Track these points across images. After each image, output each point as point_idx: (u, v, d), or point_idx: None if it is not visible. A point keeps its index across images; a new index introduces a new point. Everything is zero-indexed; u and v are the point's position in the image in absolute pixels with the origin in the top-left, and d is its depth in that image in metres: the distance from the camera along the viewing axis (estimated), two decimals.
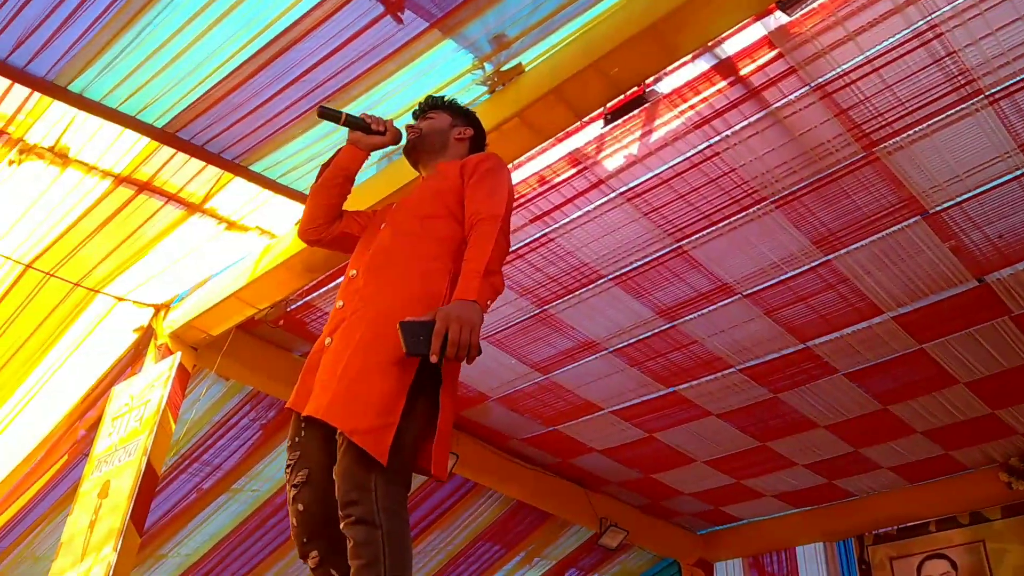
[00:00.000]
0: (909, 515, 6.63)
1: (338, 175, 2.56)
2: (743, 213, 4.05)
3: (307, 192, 4.14)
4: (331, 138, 3.79)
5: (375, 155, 3.42)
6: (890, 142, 3.60)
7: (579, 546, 7.50)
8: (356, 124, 2.45)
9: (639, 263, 4.41)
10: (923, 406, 5.43)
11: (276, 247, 4.33)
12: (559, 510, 6.89)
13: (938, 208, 3.90)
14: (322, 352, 2.26)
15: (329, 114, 2.44)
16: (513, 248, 4.35)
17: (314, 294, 4.79)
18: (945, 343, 4.80)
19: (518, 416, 5.97)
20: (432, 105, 2.74)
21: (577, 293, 4.66)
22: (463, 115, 2.75)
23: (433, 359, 1.94)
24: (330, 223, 2.59)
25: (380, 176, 3.81)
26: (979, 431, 5.72)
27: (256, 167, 3.97)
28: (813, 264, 4.32)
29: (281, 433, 5.79)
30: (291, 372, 5.28)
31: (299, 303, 4.84)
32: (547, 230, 4.23)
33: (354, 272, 2.37)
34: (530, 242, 4.31)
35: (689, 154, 3.78)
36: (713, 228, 4.15)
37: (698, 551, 7.65)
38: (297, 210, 4.28)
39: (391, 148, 2.83)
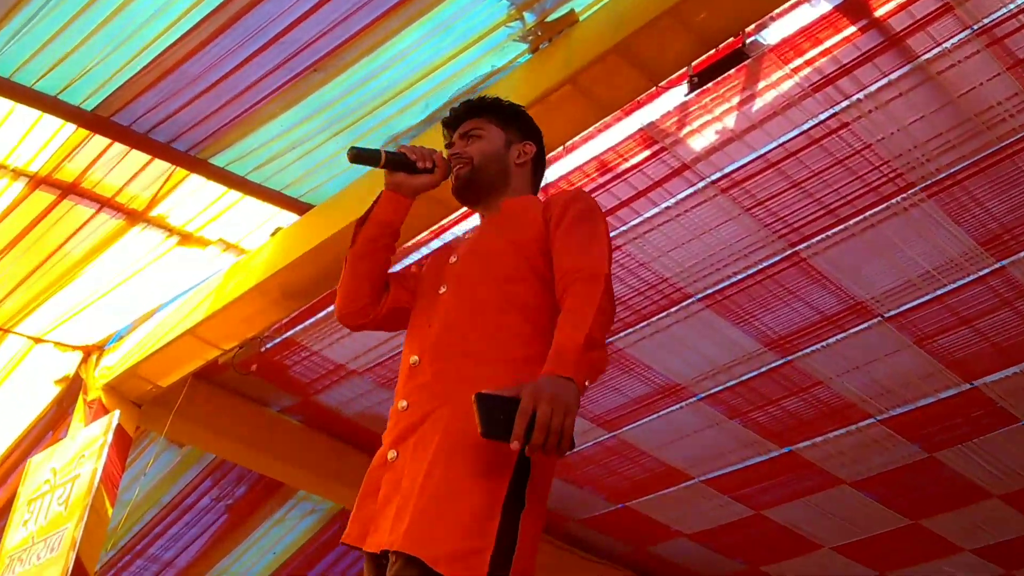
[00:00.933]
0: None
1: (382, 234, 2.55)
2: (883, 205, 4.04)
3: (287, 192, 4.21)
4: (317, 119, 3.84)
5: None
6: None
7: None
8: (399, 163, 2.47)
9: (740, 276, 4.40)
10: None
11: (246, 267, 4.38)
12: None
13: None
14: (385, 469, 2.32)
15: (364, 156, 2.45)
16: None
17: (297, 328, 4.84)
18: None
19: (575, 489, 5.96)
20: (473, 111, 2.67)
21: (654, 320, 4.66)
22: (517, 121, 2.70)
23: (514, 446, 1.97)
24: (377, 299, 2.59)
25: None
26: None
27: (218, 160, 4.02)
28: (981, 273, 4.29)
29: (255, 516, 5.84)
30: (266, 434, 5.40)
31: (277, 340, 4.89)
32: (613, 234, 4.23)
33: (415, 359, 2.39)
34: None
35: (806, 127, 3.78)
36: (841, 227, 4.14)
37: None
38: (274, 216, 4.33)
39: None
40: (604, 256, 2.28)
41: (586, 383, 2.09)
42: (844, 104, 3.69)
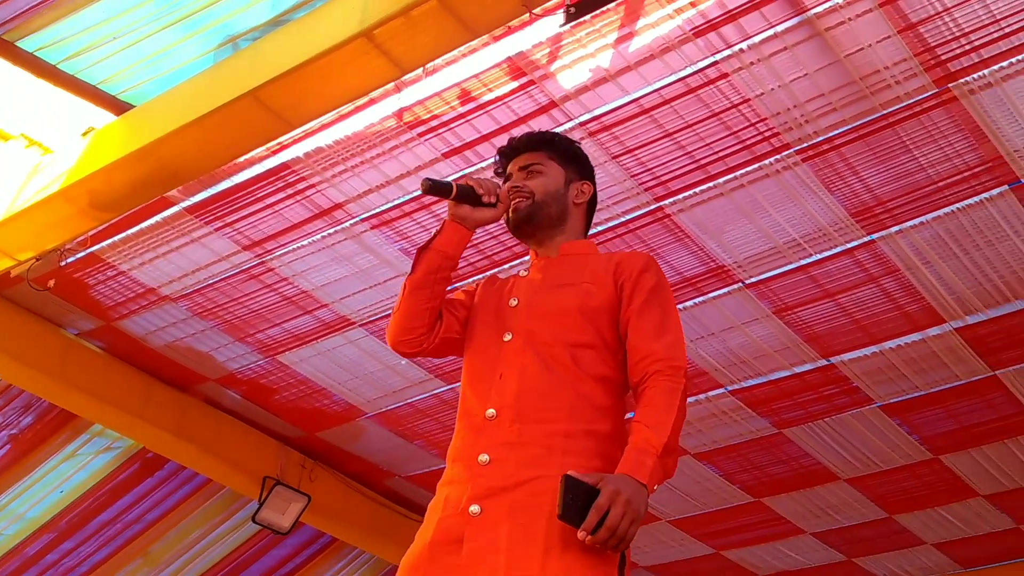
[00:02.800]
0: None
1: (442, 266, 2.69)
2: (756, 165, 4.14)
3: (103, 88, 4.07)
4: (145, 8, 3.72)
5: None
6: (974, 76, 3.73)
7: None
8: (468, 196, 2.62)
9: (600, 228, 4.46)
10: (990, 457, 5.67)
11: (50, 168, 4.24)
12: None
13: None
14: (466, 522, 2.44)
15: (438, 188, 2.59)
16: (416, 193, 4.35)
17: (104, 243, 4.71)
18: None
19: (404, 443, 6.01)
20: (533, 145, 2.81)
21: (506, 267, 4.71)
22: (577, 160, 2.86)
23: (581, 536, 2.20)
24: (431, 328, 2.74)
25: None
26: None
27: (26, 44, 3.87)
28: (850, 245, 4.45)
29: (42, 449, 5.71)
30: (60, 359, 5.25)
31: (80, 255, 4.76)
32: (468, 171, 4.24)
33: (492, 413, 2.53)
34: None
35: (684, 73, 3.83)
36: (711, 184, 4.23)
37: None
38: (87, 113, 4.19)
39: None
40: (681, 345, 2.49)
41: (655, 488, 2.34)
42: (726, 53, 3.75)
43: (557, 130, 4.02)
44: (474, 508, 2.41)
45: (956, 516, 6.26)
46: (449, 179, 2.63)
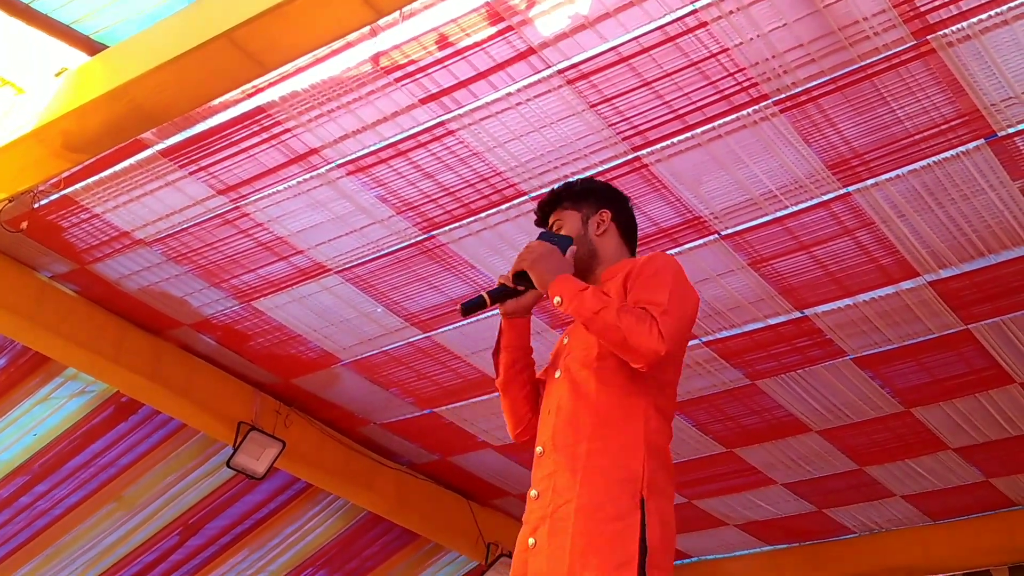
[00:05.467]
0: (926, 565, 7.01)
1: (517, 358, 2.98)
2: (734, 116, 4.13)
3: (76, 27, 4.03)
4: None
5: None
6: (953, 28, 3.72)
7: None
8: (502, 295, 2.91)
9: (577, 178, 4.43)
10: (961, 411, 5.73)
11: (22, 108, 4.19)
12: (429, 529, 7.03)
13: (1011, 130, 4.07)
14: (527, 554, 2.68)
15: (473, 307, 2.87)
16: (393, 139, 4.34)
17: (78, 185, 4.68)
18: (1000, 325, 5.06)
19: (379, 390, 6.03)
20: (552, 205, 3.12)
21: (483, 216, 4.70)
22: (588, 195, 3.08)
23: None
24: (537, 409, 2.94)
25: None
26: None
27: None
28: (825, 197, 4.46)
29: (15, 392, 5.70)
30: (34, 302, 5.22)
31: (53, 197, 4.72)
32: (445, 117, 4.22)
33: (540, 449, 2.75)
34: (418, 132, 4.30)
35: (663, 21, 3.80)
36: (688, 135, 4.23)
37: None
38: (60, 53, 4.15)
39: None
40: (665, 302, 2.62)
41: (556, 300, 2.68)
42: (705, 1, 3.72)
43: (534, 77, 4.02)
44: (531, 541, 2.65)
45: (926, 468, 6.33)
46: (480, 294, 2.88)
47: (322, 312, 5.39)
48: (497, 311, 2.95)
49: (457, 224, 4.76)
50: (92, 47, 4.09)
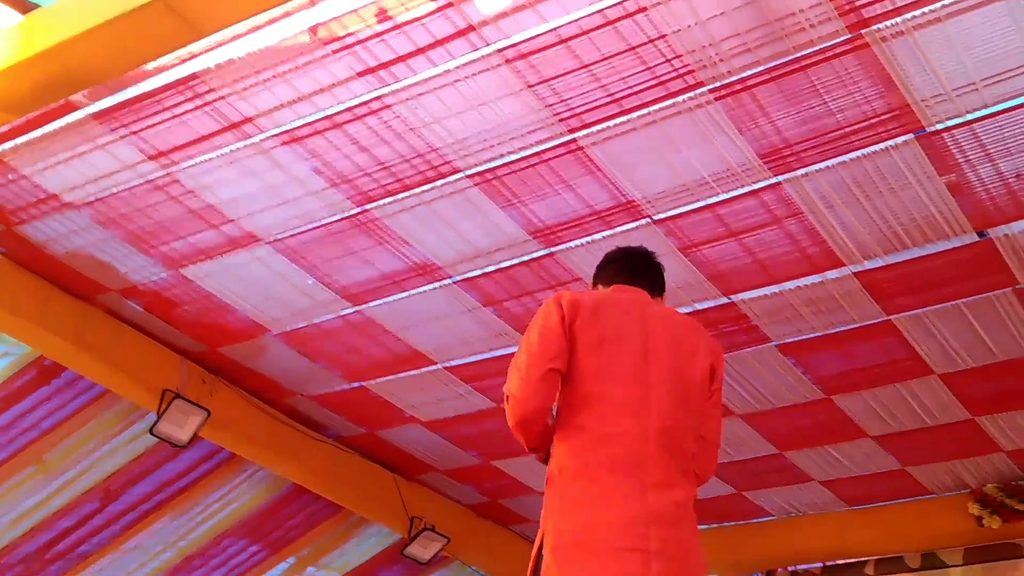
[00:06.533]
0: (841, 549, 7.16)
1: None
2: (670, 102, 4.15)
3: None
4: None
5: None
6: (887, 24, 3.76)
7: (376, 555, 7.69)
8: None
9: (514, 157, 4.46)
10: (880, 399, 5.84)
11: None
12: (354, 502, 7.03)
13: (940, 126, 4.14)
14: None
15: None
16: (329, 111, 4.29)
17: (6, 145, 4.58)
18: (922, 317, 5.15)
19: (308, 363, 5.99)
20: None
21: (418, 191, 4.68)
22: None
23: None
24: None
25: None
26: (952, 442, 6.22)
27: None
28: (756, 186, 4.50)
29: None
30: None
31: None
32: (383, 90, 4.19)
33: None
34: (355, 105, 4.26)
35: (603, 4, 3.80)
36: (624, 119, 4.24)
37: None
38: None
39: None
40: (512, 370, 3.26)
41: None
42: None
43: (473, 55, 4.01)
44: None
45: (844, 455, 6.45)
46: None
47: (252, 282, 5.34)
48: None
49: (391, 199, 4.73)
50: (24, 6, 3.99)
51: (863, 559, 7.13)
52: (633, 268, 3.58)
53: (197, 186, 4.74)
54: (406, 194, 4.69)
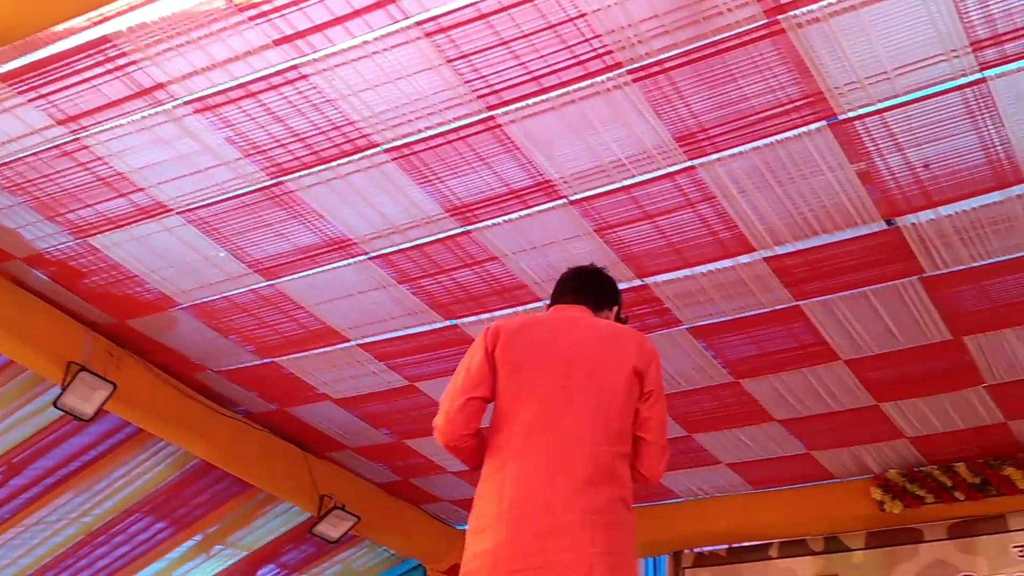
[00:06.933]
0: (746, 531, 7.28)
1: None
2: (588, 82, 4.15)
3: None
4: None
5: None
6: (803, 10, 3.80)
7: (285, 533, 7.65)
8: None
9: (431, 132, 4.43)
10: (788, 384, 5.93)
11: None
12: (262, 479, 6.97)
13: (852, 114, 4.20)
14: None
15: None
16: (243, 79, 4.22)
17: None
18: (829, 303, 5.24)
19: (218, 337, 5.92)
20: None
21: (333, 165, 4.63)
22: None
23: None
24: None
25: None
26: (856, 427, 6.35)
27: None
28: (671, 169, 4.53)
29: None
30: None
31: None
32: (298, 60, 4.13)
33: None
34: (269, 75, 4.20)
35: None
36: (543, 97, 4.23)
37: (454, 554, 7.94)
38: None
39: None
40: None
41: None
42: None
43: (391, 27, 3.97)
44: None
45: (751, 438, 6.55)
46: None
47: (162, 253, 5.25)
48: None
49: (307, 171, 4.68)
50: None
51: (767, 541, 7.26)
52: (576, 286, 3.78)
53: (107, 153, 4.64)
54: (322, 167, 4.64)
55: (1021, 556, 6.44)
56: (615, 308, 3.81)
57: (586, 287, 3.78)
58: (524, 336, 3.48)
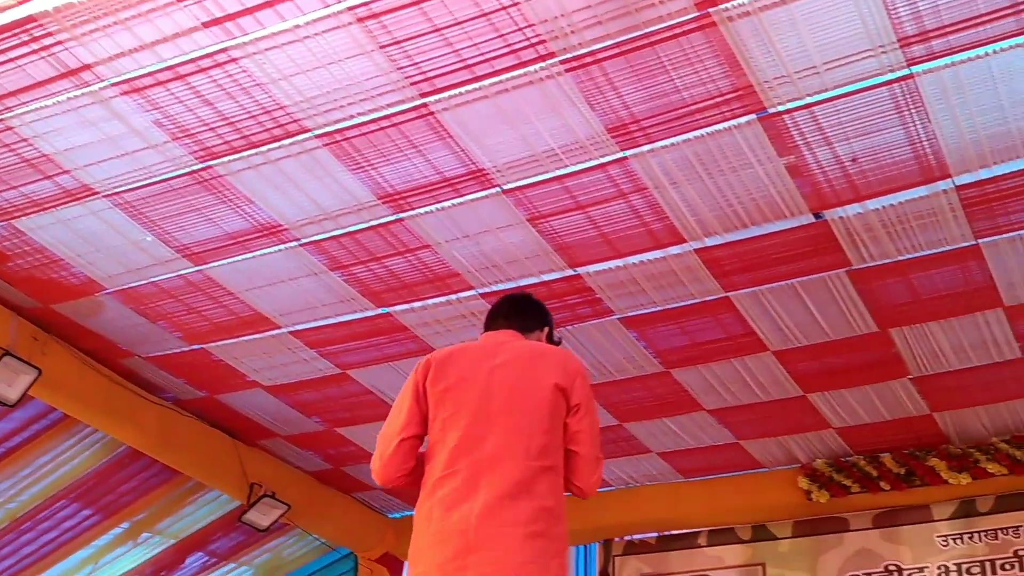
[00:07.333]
0: (676, 520, 7.35)
1: None
2: (521, 71, 4.14)
3: None
4: None
5: None
6: (734, 3, 3.81)
7: (214, 521, 7.59)
8: None
9: (364, 119, 4.40)
10: (717, 374, 6.00)
11: None
12: (191, 467, 6.91)
13: (781, 108, 4.23)
14: None
15: None
16: (172, 61, 4.16)
17: None
18: (758, 295, 5.30)
19: (146, 322, 5.85)
20: None
21: (264, 149, 4.58)
22: None
23: None
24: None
25: None
26: (784, 418, 6.44)
27: None
28: (604, 160, 4.54)
29: None
30: None
31: None
32: (228, 43, 4.07)
33: None
34: (199, 57, 4.14)
35: None
36: (476, 85, 4.22)
37: (385, 542, 8.01)
38: None
39: None
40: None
41: None
42: None
43: (323, 11, 3.93)
44: None
45: (681, 428, 6.60)
46: None
47: (88, 237, 5.17)
48: None
49: (236, 156, 4.63)
50: None
51: (696, 529, 7.33)
52: (505, 311, 3.93)
53: (31, 134, 4.55)
54: (251, 152, 4.59)
55: (944, 545, 6.57)
56: (546, 329, 3.94)
57: (514, 311, 3.93)
58: (451, 365, 3.61)
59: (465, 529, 3.28)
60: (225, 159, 4.64)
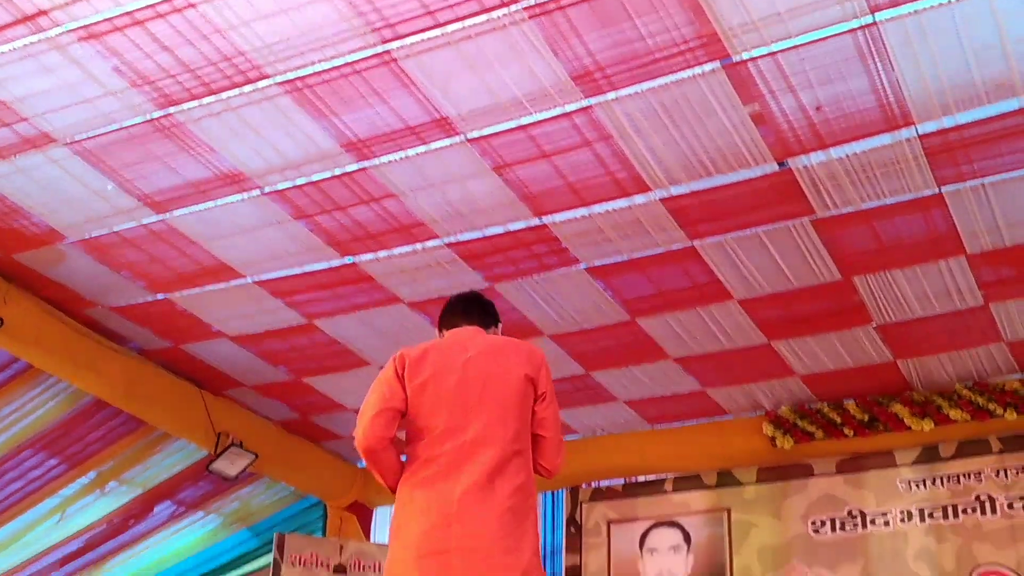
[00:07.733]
0: (641, 466, 7.41)
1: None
2: (484, 17, 4.09)
3: None
4: None
5: None
6: None
7: (182, 471, 7.59)
8: None
9: (326, 66, 4.34)
10: (682, 323, 6.02)
11: None
12: (157, 417, 6.89)
13: (745, 55, 4.21)
14: None
15: None
16: (130, 7, 4.08)
17: None
18: (723, 244, 5.31)
19: (109, 272, 5.80)
20: None
21: (225, 96, 4.53)
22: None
23: None
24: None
25: None
26: (749, 365, 6.48)
27: None
28: (568, 108, 4.51)
29: None
30: None
31: None
32: None
33: None
34: (157, 3, 4.06)
35: None
36: (438, 31, 4.17)
37: (354, 490, 8.04)
38: None
39: None
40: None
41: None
42: None
43: None
44: None
45: (648, 376, 6.64)
46: None
47: (48, 185, 5.11)
48: None
49: (196, 103, 4.57)
50: None
51: (662, 476, 7.40)
52: (462, 310, 4.08)
53: None
54: (212, 99, 4.53)
55: (907, 490, 6.65)
56: (499, 325, 4.17)
57: (471, 309, 4.10)
58: (427, 359, 3.79)
59: (448, 504, 3.53)
60: (185, 106, 4.58)
